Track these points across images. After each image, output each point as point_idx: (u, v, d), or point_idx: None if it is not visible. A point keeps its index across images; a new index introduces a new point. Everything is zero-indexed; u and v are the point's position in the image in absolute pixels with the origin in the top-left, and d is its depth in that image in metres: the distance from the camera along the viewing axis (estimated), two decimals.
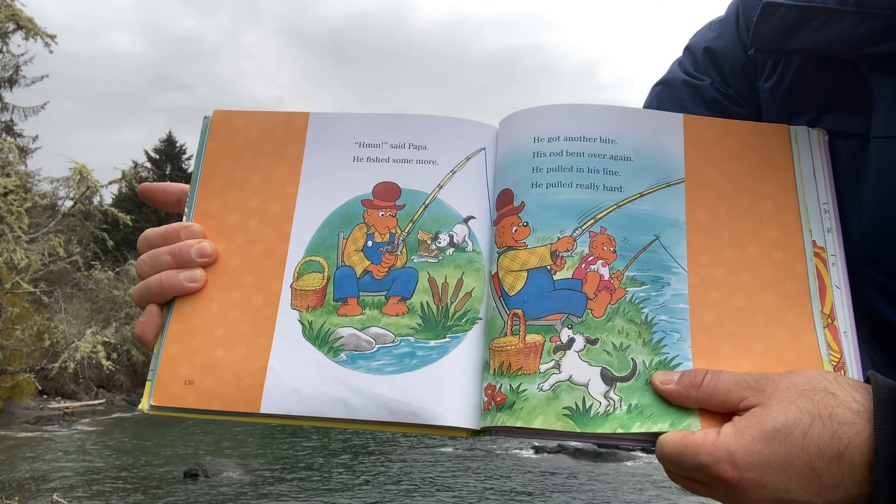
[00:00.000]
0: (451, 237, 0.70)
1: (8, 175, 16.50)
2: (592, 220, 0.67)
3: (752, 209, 0.68)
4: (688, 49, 0.90)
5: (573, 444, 18.24)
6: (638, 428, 0.61)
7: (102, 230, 21.15)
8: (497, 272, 0.68)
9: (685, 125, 0.72)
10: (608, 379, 0.63)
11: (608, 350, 0.64)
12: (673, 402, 0.61)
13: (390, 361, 0.67)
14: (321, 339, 0.69)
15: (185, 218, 0.74)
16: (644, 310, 0.65)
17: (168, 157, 56.19)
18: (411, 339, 0.68)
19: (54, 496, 12.05)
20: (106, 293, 31.33)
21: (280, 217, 0.72)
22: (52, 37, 18.35)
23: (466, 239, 0.70)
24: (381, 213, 0.71)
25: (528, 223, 0.68)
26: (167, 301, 0.72)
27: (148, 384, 0.72)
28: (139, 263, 0.72)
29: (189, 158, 57.43)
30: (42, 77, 29.77)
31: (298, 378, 0.67)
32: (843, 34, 0.64)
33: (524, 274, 0.67)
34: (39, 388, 23.82)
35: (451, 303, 0.68)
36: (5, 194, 15.92)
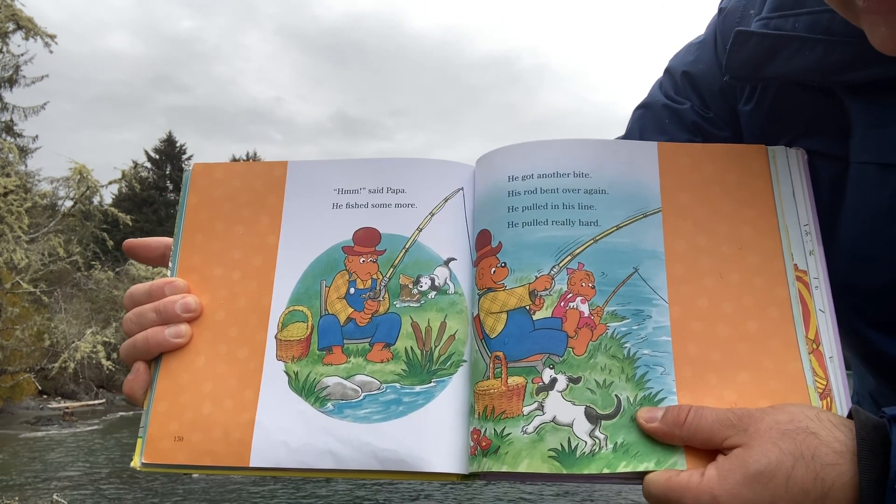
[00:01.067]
0: (433, 280, 0.70)
1: (8, 175, 16.49)
2: (570, 257, 0.67)
3: (732, 235, 0.67)
4: (667, 71, 0.90)
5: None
6: (624, 467, 0.61)
7: (102, 230, 21.14)
8: (478, 314, 0.68)
9: (660, 153, 0.71)
10: (592, 417, 0.63)
11: (591, 388, 0.63)
12: (658, 440, 0.61)
13: (377, 409, 0.67)
14: (307, 390, 0.69)
15: (169, 273, 0.74)
16: (626, 344, 0.64)
17: (168, 157, 56.19)
18: (397, 385, 0.68)
19: (54, 496, 12.05)
20: (106, 293, 31.31)
21: (262, 268, 0.72)
22: (52, 37, 18.36)
23: (448, 281, 0.70)
24: (362, 260, 0.71)
25: (505, 264, 0.68)
26: (154, 357, 0.72)
27: (139, 441, 0.72)
28: (125, 321, 0.72)
29: (189, 158, 57.39)
30: (42, 77, 29.78)
31: (286, 430, 0.67)
32: (816, 62, 0.65)
33: (504, 315, 0.66)
34: (39, 388, 23.81)
35: (436, 347, 0.68)
36: (5, 194, 15.92)
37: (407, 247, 0.71)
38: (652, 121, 0.88)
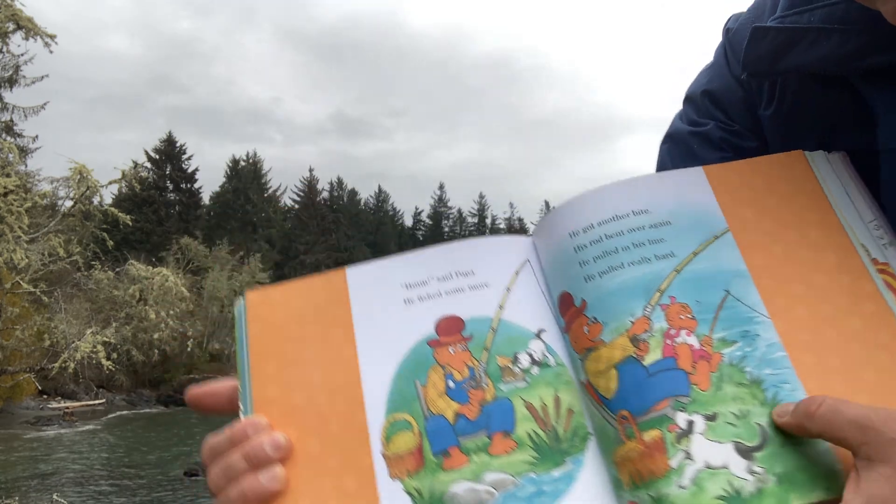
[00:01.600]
0: (531, 355, 0.65)
1: (8, 175, 16.49)
2: (658, 293, 0.63)
3: (803, 240, 0.66)
4: (687, 99, 0.90)
5: None
6: (797, 500, 0.56)
7: (102, 230, 21.14)
8: (587, 379, 0.63)
9: (708, 176, 0.70)
10: (745, 452, 0.57)
11: (730, 421, 0.58)
12: (794, 434, 0.57)
13: None
14: None
15: (242, 414, 0.67)
16: (747, 368, 0.60)
17: (168, 157, 56.18)
18: (532, 475, 0.61)
19: (54, 496, 12.05)
20: (106, 293, 31.28)
21: (347, 383, 0.66)
22: (52, 37, 18.37)
23: (545, 354, 0.66)
24: (451, 350, 0.66)
25: (596, 318, 0.64)
26: None
27: None
28: (211, 479, 0.63)
29: (189, 159, 57.38)
30: (42, 77, 29.79)
31: None
32: (832, 51, 0.65)
33: (613, 372, 0.62)
34: (39, 388, 23.81)
35: (557, 424, 0.62)
36: (5, 194, 15.92)
37: (494, 327, 0.66)
38: (680, 150, 0.87)
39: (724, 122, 0.83)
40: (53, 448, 19.80)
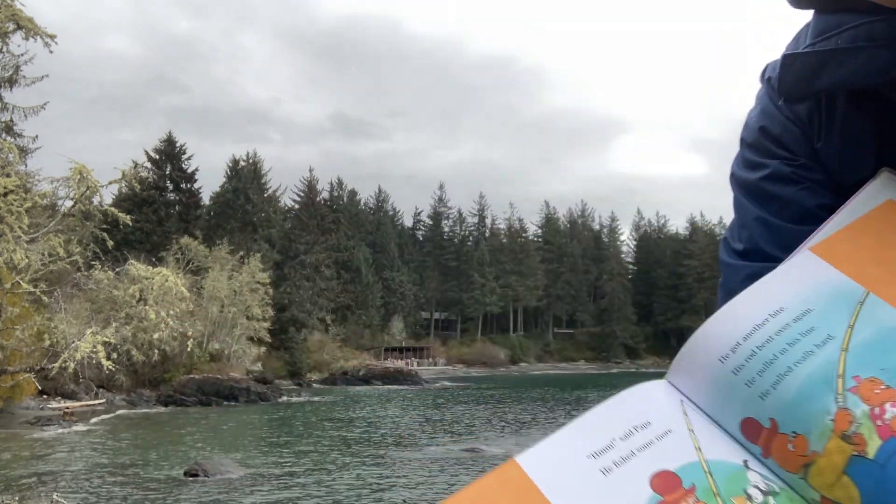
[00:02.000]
0: (758, 487, 0.63)
1: (8, 175, 16.49)
2: (840, 380, 0.60)
3: None
4: (744, 142, 0.90)
5: None
6: None
7: (102, 230, 21.14)
8: (821, 497, 0.59)
9: (818, 254, 0.69)
10: None
11: None
12: None
13: None
14: None
15: None
16: None
17: (168, 157, 56.16)
18: None
19: (54, 496, 12.05)
20: (106, 293, 31.31)
21: None
22: (52, 37, 18.36)
23: (767, 482, 0.63)
24: None
25: (795, 432, 0.60)
26: None
27: None
28: None
29: (189, 159, 57.39)
30: (42, 77, 29.79)
31: None
32: (862, 67, 0.68)
33: (845, 478, 0.58)
34: (39, 388, 23.80)
35: None
36: (5, 194, 15.92)
37: (707, 470, 0.63)
38: (754, 195, 0.87)
39: (789, 158, 0.84)
40: (53, 448, 19.80)
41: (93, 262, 30.42)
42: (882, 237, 0.68)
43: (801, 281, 0.68)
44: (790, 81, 0.74)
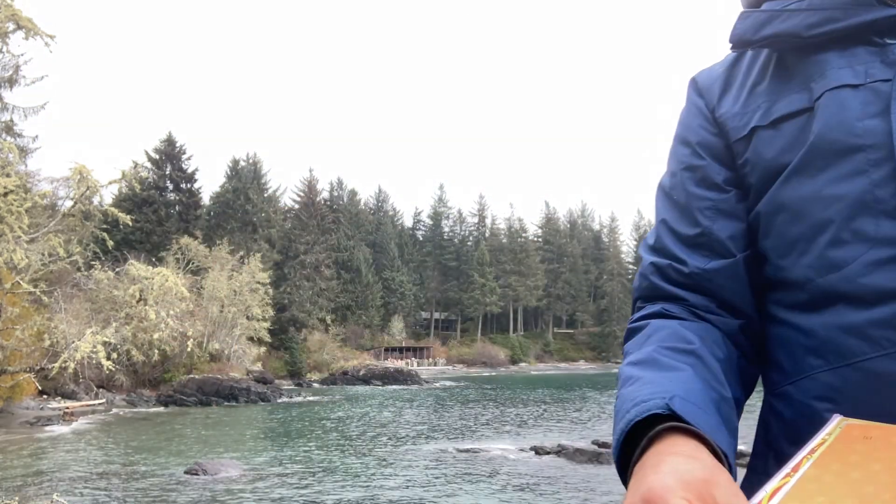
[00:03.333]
0: None
1: (8, 175, 16.50)
2: None
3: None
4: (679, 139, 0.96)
5: (573, 445, 18.23)
6: None
7: (102, 230, 21.15)
8: None
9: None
10: None
11: None
12: None
13: None
14: None
15: None
16: None
17: (168, 157, 56.12)
18: None
19: (54, 496, 12.05)
20: (106, 293, 31.29)
21: None
22: (52, 37, 18.36)
23: None
24: None
25: None
26: None
27: None
28: None
29: (189, 159, 57.32)
30: (42, 77, 29.78)
31: None
32: (800, 22, 0.82)
33: None
34: (39, 388, 23.82)
35: None
36: (5, 194, 15.93)
37: None
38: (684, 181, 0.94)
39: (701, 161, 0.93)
40: (53, 448, 19.81)
41: (93, 262, 30.42)
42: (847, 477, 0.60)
43: None
44: (742, 29, 0.87)
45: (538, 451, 17.99)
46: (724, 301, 0.85)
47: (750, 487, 0.84)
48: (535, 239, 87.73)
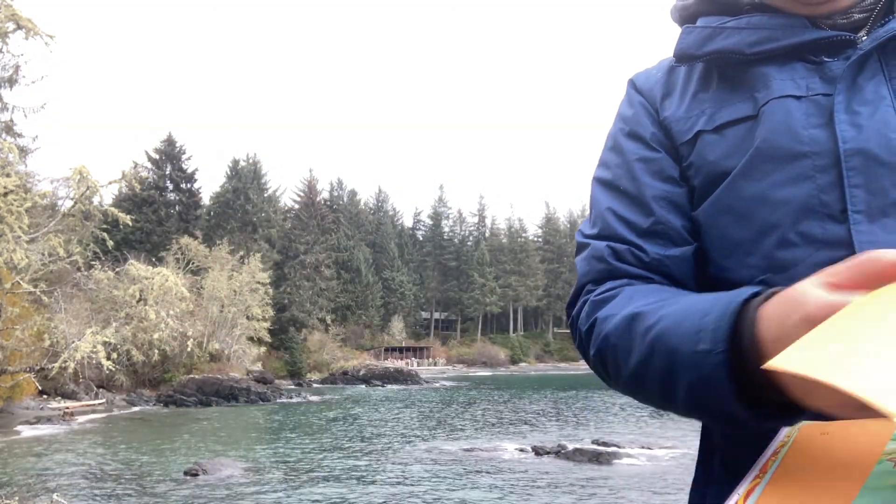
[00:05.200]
0: None
1: (8, 175, 16.50)
2: None
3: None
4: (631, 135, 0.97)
5: (573, 445, 18.24)
6: None
7: (102, 230, 21.14)
8: None
9: None
10: None
11: None
12: None
13: None
14: None
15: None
16: None
17: (168, 157, 56.11)
18: None
19: (54, 496, 12.05)
20: (106, 293, 31.30)
21: None
22: (52, 37, 18.35)
23: None
24: None
25: None
26: None
27: None
28: None
29: (189, 159, 57.31)
30: (42, 77, 29.78)
31: None
32: (742, 40, 0.85)
33: None
34: (39, 388, 23.81)
35: None
36: (5, 194, 15.93)
37: None
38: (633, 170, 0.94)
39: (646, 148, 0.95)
40: (53, 448, 19.81)
41: (93, 262, 30.43)
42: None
43: None
44: (686, 44, 0.89)
45: (538, 451, 17.99)
46: (685, 287, 0.85)
47: (700, 495, 0.87)
48: (535, 239, 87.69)
